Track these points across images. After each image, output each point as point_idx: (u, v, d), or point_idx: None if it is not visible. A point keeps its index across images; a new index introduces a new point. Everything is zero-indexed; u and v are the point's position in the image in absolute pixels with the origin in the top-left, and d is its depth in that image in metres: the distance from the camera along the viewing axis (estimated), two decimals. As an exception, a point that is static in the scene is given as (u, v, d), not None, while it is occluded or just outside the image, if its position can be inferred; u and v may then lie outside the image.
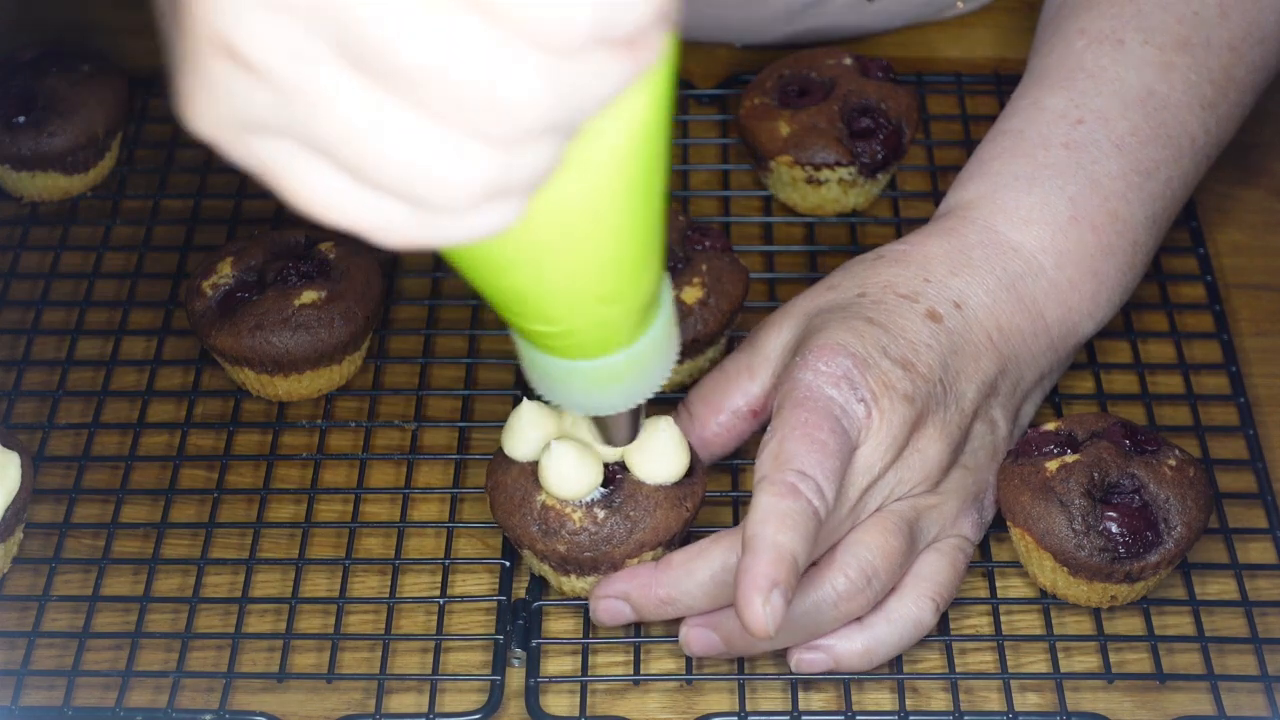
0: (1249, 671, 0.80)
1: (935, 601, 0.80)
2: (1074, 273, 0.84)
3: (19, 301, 0.95)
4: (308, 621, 0.83)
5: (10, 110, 0.97)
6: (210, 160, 1.01)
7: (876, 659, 0.79)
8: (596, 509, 0.80)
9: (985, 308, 0.83)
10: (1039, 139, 0.87)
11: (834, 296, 0.84)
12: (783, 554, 0.73)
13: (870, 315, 0.81)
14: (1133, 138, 0.86)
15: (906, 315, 0.81)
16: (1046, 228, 0.84)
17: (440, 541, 0.85)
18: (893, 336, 0.80)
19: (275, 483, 0.87)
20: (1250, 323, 0.94)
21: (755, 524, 0.74)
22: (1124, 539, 0.79)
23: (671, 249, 0.90)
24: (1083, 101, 0.87)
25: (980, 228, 0.85)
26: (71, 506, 0.86)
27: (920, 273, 0.83)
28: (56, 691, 0.80)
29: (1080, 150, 0.86)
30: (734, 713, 0.79)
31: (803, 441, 0.76)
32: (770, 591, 0.73)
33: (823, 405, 0.78)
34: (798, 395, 0.78)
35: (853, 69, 0.98)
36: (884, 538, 0.78)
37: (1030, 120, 0.88)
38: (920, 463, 0.80)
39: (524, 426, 0.81)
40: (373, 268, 0.90)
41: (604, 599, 0.80)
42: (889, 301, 0.82)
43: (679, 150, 1.02)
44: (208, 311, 0.89)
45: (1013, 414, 0.84)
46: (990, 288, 0.83)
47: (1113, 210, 0.85)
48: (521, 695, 0.80)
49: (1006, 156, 0.87)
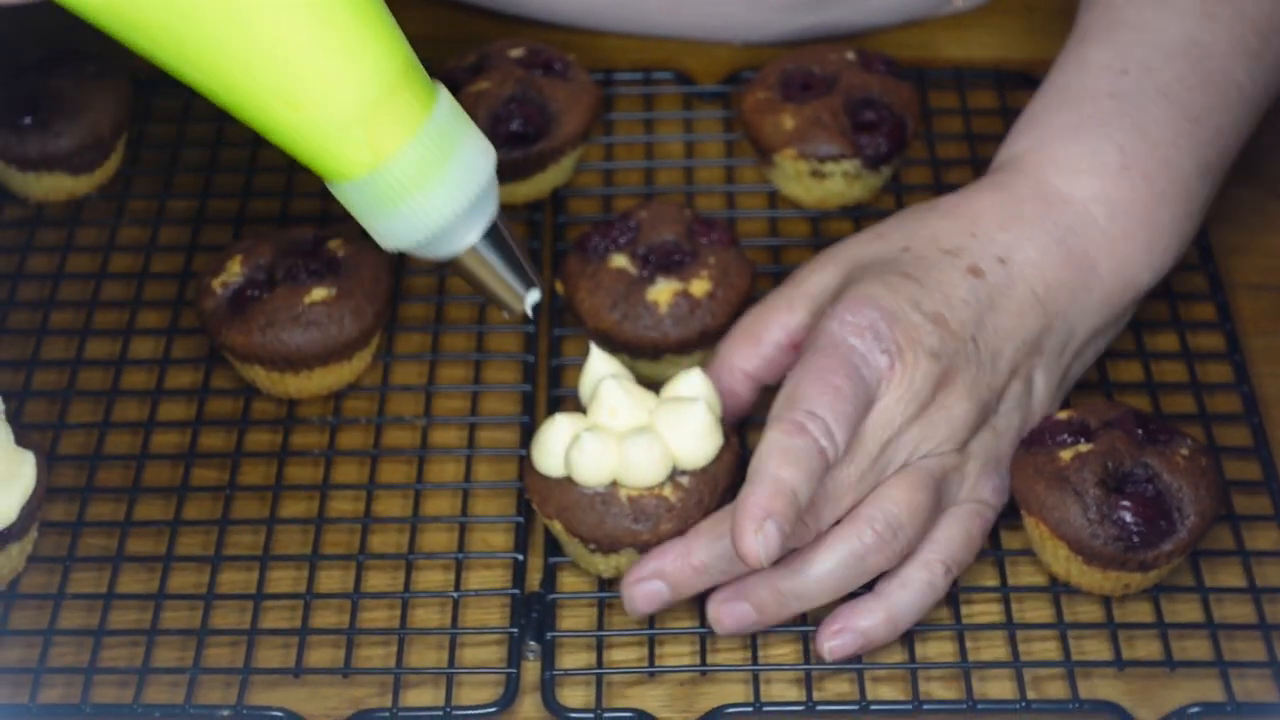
0: (1258, 657, 0.81)
1: (945, 565, 0.80)
2: (1127, 222, 0.84)
3: (27, 302, 0.95)
4: (323, 617, 0.83)
5: (16, 111, 0.97)
6: (215, 160, 1.01)
7: (900, 625, 0.80)
8: (678, 477, 0.81)
9: (1033, 263, 0.83)
10: (1084, 91, 0.87)
11: (880, 247, 0.84)
12: (781, 487, 0.74)
13: (908, 270, 0.81)
14: (1178, 85, 0.86)
15: (946, 270, 0.82)
16: (1097, 177, 0.85)
17: (453, 536, 0.86)
18: (928, 291, 0.81)
19: (287, 480, 0.88)
20: (1251, 322, 0.94)
21: (759, 458, 0.76)
22: (1138, 528, 0.80)
23: (678, 243, 0.90)
24: (1126, 53, 0.87)
25: (1032, 180, 0.85)
26: (85, 505, 0.86)
27: (968, 226, 0.83)
28: (73, 689, 0.80)
29: (1126, 99, 0.86)
30: (749, 703, 0.80)
31: (816, 384, 0.77)
32: (764, 521, 0.74)
33: (843, 352, 0.78)
34: (820, 342, 0.79)
35: (855, 63, 0.99)
36: (909, 492, 0.79)
37: (1075, 74, 0.88)
38: (946, 420, 0.80)
39: (557, 438, 0.81)
40: (381, 265, 0.91)
41: (639, 584, 0.80)
42: (931, 256, 0.82)
43: (683, 146, 1.02)
44: (218, 309, 0.89)
45: (1059, 373, 0.84)
46: (1041, 243, 0.83)
47: (1163, 157, 0.85)
48: (537, 688, 0.80)
49: (1053, 109, 0.87)
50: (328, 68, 0.68)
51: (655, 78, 1.06)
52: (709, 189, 1.01)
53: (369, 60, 0.69)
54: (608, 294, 0.89)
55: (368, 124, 0.69)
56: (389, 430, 0.90)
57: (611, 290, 0.89)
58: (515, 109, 0.96)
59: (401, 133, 0.69)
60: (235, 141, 1.02)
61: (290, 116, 0.69)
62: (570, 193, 1.00)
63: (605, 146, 1.02)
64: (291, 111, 0.68)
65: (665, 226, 0.91)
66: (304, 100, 0.68)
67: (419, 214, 0.70)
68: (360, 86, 0.68)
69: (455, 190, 0.71)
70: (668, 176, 1.01)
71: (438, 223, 0.71)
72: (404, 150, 0.69)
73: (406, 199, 0.70)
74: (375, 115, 0.69)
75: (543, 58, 0.99)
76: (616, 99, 1.05)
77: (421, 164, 0.70)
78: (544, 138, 0.97)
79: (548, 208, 0.99)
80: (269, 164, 1.01)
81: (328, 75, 0.68)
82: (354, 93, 0.68)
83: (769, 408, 0.80)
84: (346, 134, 0.69)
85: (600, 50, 1.07)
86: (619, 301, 0.89)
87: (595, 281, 0.90)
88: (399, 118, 0.69)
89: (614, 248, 0.91)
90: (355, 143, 0.69)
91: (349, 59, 0.68)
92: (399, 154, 0.70)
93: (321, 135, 0.69)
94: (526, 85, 0.97)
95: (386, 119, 0.69)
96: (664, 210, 0.92)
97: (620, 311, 0.89)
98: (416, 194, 0.70)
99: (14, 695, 0.80)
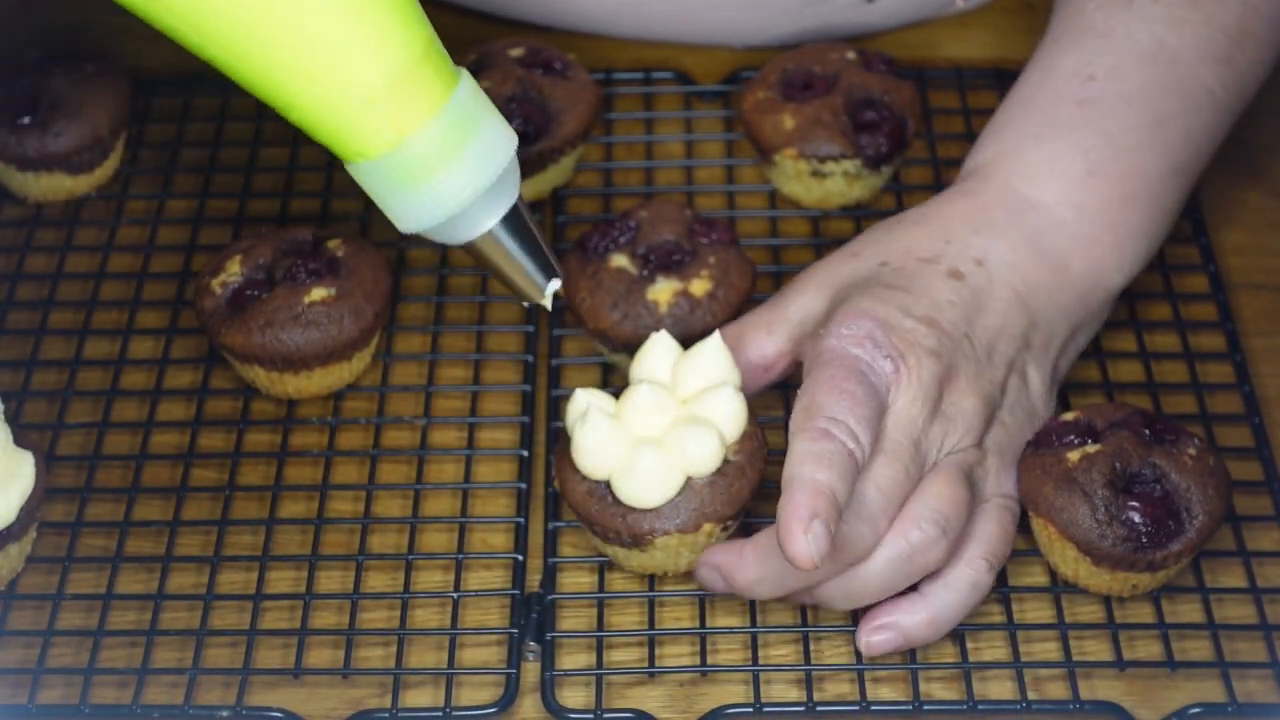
0: (1259, 658, 0.81)
1: (988, 561, 0.80)
2: (1095, 225, 0.85)
3: (26, 302, 0.95)
4: (322, 617, 0.83)
5: (15, 111, 0.97)
6: (215, 160, 1.01)
7: (942, 627, 0.80)
8: (729, 456, 0.82)
9: (1008, 264, 0.83)
10: (1052, 98, 0.87)
11: (857, 265, 0.85)
12: (820, 488, 0.75)
13: (891, 281, 0.82)
14: (1145, 92, 0.87)
15: (928, 277, 0.82)
16: (1062, 182, 0.85)
17: (452, 536, 0.86)
18: (915, 297, 0.81)
19: (286, 480, 0.88)
20: (1253, 322, 0.94)
21: (792, 465, 0.76)
22: (1146, 528, 0.79)
23: (678, 243, 0.90)
24: (1094, 59, 0.87)
25: (998, 186, 0.85)
26: (84, 505, 0.86)
27: (941, 234, 0.84)
28: (73, 689, 0.80)
29: (1092, 106, 0.86)
30: (749, 704, 0.80)
31: (830, 393, 0.78)
32: (810, 521, 0.74)
33: (848, 363, 0.79)
34: (824, 358, 0.80)
35: (855, 63, 0.99)
36: (950, 488, 0.79)
37: (1042, 81, 0.88)
38: (959, 415, 0.80)
39: (602, 442, 0.81)
40: (380, 265, 0.91)
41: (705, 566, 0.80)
42: (910, 266, 0.83)
43: (683, 146, 1.02)
44: (217, 309, 0.89)
45: (1049, 369, 0.85)
46: (1013, 244, 0.84)
47: (1130, 163, 0.86)
48: (537, 689, 0.80)
49: (1020, 118, 0.88)
50: (352, 40, 0.68)
51: (655, 77, 1.06)
52: (709, 189, 1.00)
53: (393, 35, 0.68)
54: (608, 294, 0.89)
55: (390, 100, 0.69)
56: (388, 430, 0.90)
57: (612, 290, 0.89)
58: (515, 108, 0.96)
59: (424, 110, 0.69)
60: (235, 141, 1.02)
61: (311, 90, 0.68)
62: (570, 192, 1.00)
63: (605, 146, 1.02)
64: (312, 85, 0.68)
65: (665, 226, 0.91)
66: (326, 74, 0.68)
67: (439, 193, 0.71)
68: (384, 61, 0.68)
69: (476, 170, 0.71)
70: (668, 176, 1.01)
71: (458, 202, 0.71)
72: (426, 128, 0.69)
73: (428, 178, 0.70)
74: (398, 91, 0.69)
75: (543, 57, 0.99)
76: (616, 98, 1.05)
77: (443, 142, 0.70)
78: (544, 137, 0.97)
79: (548, 207, 0.99)
80: (268, 164, 1.01)
81: (351, 48, 0.68)
82: (378, 67, 0.68)
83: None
84: (369, 109, 0.69)
85: (600, 50, 1.07)
86: (619, 301, 0.89)
87: (595, 281, 0.89)
88: (421, 95, 0.69)
89: (614, 247, 0.90)
90: (378, 119, 0.69)
91: (374, 32, 0.68)
92: (421, 131, 0.70)
93: (343, 110, 0.69)
94: (526, 85, 0.97)
95: (409, 96, 0.69)
96: (664, 210, 0.92)
97: (620, 311, 0.89)
98: (438, 172, 0.70)
99: (13, 696, 0.79)
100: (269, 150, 1.02)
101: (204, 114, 1.03)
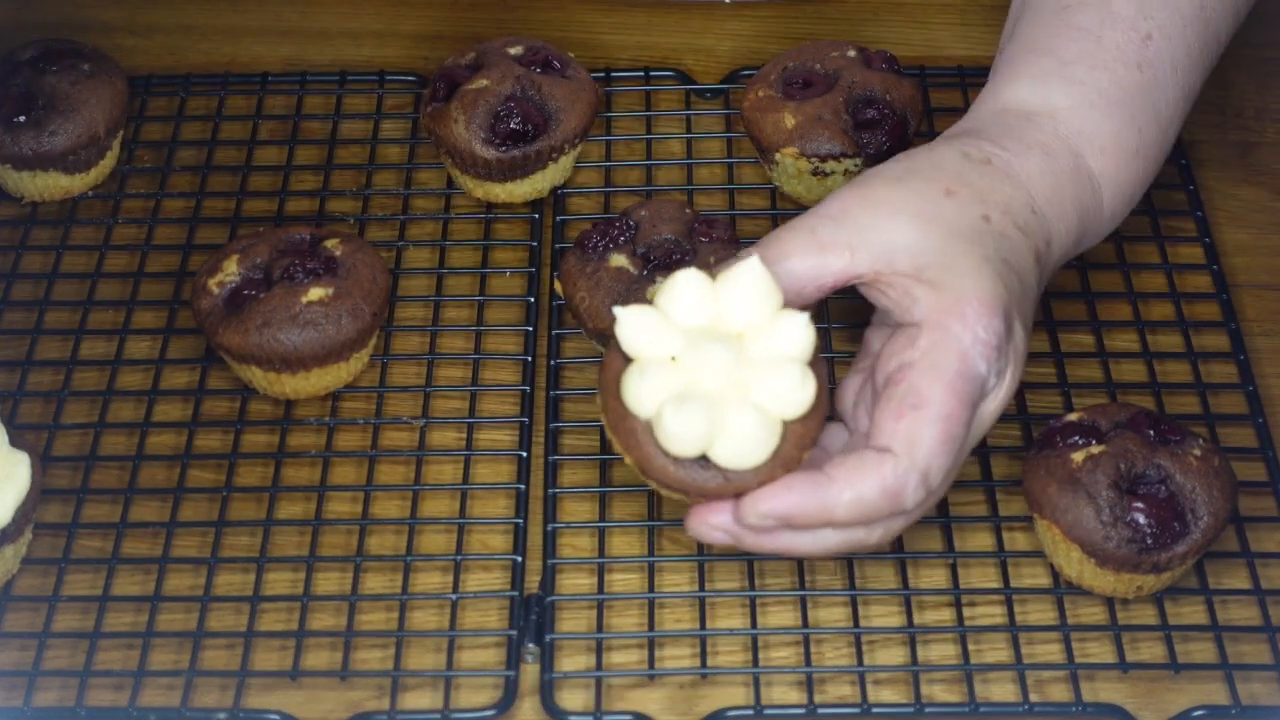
0: (1263, 660, 0.81)
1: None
2: (1117, 205, 0.84)
3: (21, 302, 0.94)
4: (320, 619, 0.82)
5: (11, 110, 0.97)
6: (211, 159, 1.01)
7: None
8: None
9: (1062, 247, 0.82)
10: (1115, 50, 0.85)
11: (959, 210, 0.79)
12: (859, 530, 0.76)
13: (1007, 257, 0.78)
14: (1186, 59, 0.86)
15: (1026, 257, 0.79)
16: (1116, 159, 0.84)
17: (451, 538, 0.85)
18: (1025, 290, 0.79)
19: (284, 481, 0.87)
20: (1256, 322, 0.94)
21: (843, 475, 0.74)
22: (1151, 529, 0.79)
23: (678, 241, 0.90)
24: (1150, 13, 0.86)
25: (1072, 153, 0.83)
26: (80, 506, 0.86)
27: (1028, 199, 0.81)
28: (69, 691, 0.80)
29: (1150, 71, 0.85)
30: (749, 706, 0.79)
31: (942, 440, 0.75)
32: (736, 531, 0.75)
33: (972, 390, 0.76)
34: (953, 367, 0.75)
35: (856, 61, 0.98)
36: None
37: (1104, 22, 0.85)
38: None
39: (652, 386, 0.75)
40: (378, 264, 0.90)
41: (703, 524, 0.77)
42: (1013, 237, 0.79)
43: (683, 145, 1.02)
44: (215, 309, 0.89)
45: None
46: (1070, 227, 0.83)
47: (1166, 141, 0.86)
48: (536, 691, 0.80)
49: (1087, 63, 0.85)
50: None
51: (655, 75, 1.05)
52: (709, 187, 1.00)
53: None
54: (607, 293, 0.89)
55: None
56: (386, 431, 0.89)
57: (611, 289, 0.89)
58: (514, 107, 0.96)
59: None
60: (231, 140, 1.02)
61: None
62: (569, 191, 1.00)
63: (605, 145, 1.02)
64: None
65: (665, 225, 0.90)
66: None
67: None
68: None
69: None
70: (668, 175, 1.01)
71: None
72: None
73: None
74: None
75: (542, 55, 0.99)
76: (616, 97, 1.04)
77: None
78: (543, 136, 0.96)
79: (547, 206, 0.99)
80: (265, 163, 1.01)
81: None
82: None
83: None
84: None
85: (600, 48, 1.07)
86: (619, 300, 0.88)
87: (595, 280, 0.89)
88: None
89: (614, 246, 0.90)
90: None
91: None
92: None
93: None
94: (526, 83, 0.97)
95: None
96: (664, 209, 0.91)
97: (620, 311, 0.88)
98: None
99: (8, 699, 0.79)
100: (266, 149, 1.02)
101: (200, 113, 1.03)
